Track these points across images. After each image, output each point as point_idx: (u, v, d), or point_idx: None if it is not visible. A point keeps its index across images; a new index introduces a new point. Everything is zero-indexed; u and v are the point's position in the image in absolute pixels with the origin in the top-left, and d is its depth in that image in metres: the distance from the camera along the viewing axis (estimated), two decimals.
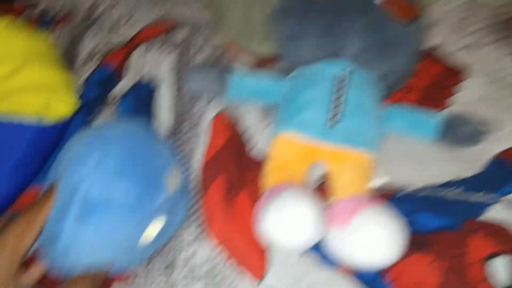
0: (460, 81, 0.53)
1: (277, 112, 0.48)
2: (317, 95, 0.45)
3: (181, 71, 0.56)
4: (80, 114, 0.53)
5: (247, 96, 0.50)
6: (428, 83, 0.53)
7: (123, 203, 0.36)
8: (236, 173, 0.46)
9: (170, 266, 0.43)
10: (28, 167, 0.47)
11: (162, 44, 0.60)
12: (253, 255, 0.41)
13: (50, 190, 0.37)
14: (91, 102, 0.56)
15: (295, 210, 0.37)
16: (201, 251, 0.43)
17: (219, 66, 0.49)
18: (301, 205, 0.37)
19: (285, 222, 0.37)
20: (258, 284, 0.40)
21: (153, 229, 0.39)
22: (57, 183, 0.37)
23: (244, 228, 0.42)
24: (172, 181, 0.41)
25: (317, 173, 0.47)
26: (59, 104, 0.50)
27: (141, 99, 0.55)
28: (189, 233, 0.44)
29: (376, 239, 0.36)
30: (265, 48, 0.59)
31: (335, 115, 0.44)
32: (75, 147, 0.39)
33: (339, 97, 0.44)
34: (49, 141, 0.49)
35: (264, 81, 0.49)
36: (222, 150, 0.48)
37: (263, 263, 0.41)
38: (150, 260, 0.44)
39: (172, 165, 0.42)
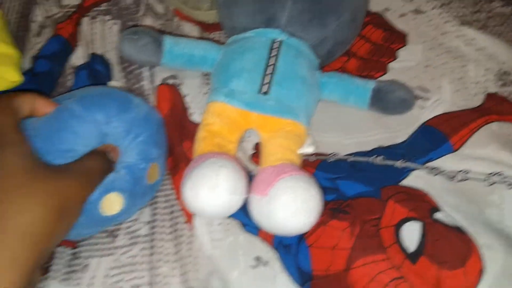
0: (399, 47, 0.52)
1: (212, 80, 0.48)
2: (247, 64, 0.45)
3: None
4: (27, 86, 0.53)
5: (182, 64, 0.49)
6: (369, 49, 0.53)
7: None
8: (179, 145, 0.47)
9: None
10: None
11: (106, 13, 0.59)
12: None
13: None
14: (43, 75, 0.55)
15: (210, 181, 0.37)
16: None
17: (153, 32, 0.48)
18: (216, 176, 0.37)
19: (199, 193, 0.37)
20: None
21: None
22: None
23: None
24: None
25: (254, 141, 0.48)
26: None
27: (96, 73, 0.54)
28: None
29: (289, 208, 0.36)
30: (211, 16, 0.58)
31: (264, 85, 0.44)
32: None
33: (269, 67, 0.44)
34: None
35: (199, 48, 0.48)
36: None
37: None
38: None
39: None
